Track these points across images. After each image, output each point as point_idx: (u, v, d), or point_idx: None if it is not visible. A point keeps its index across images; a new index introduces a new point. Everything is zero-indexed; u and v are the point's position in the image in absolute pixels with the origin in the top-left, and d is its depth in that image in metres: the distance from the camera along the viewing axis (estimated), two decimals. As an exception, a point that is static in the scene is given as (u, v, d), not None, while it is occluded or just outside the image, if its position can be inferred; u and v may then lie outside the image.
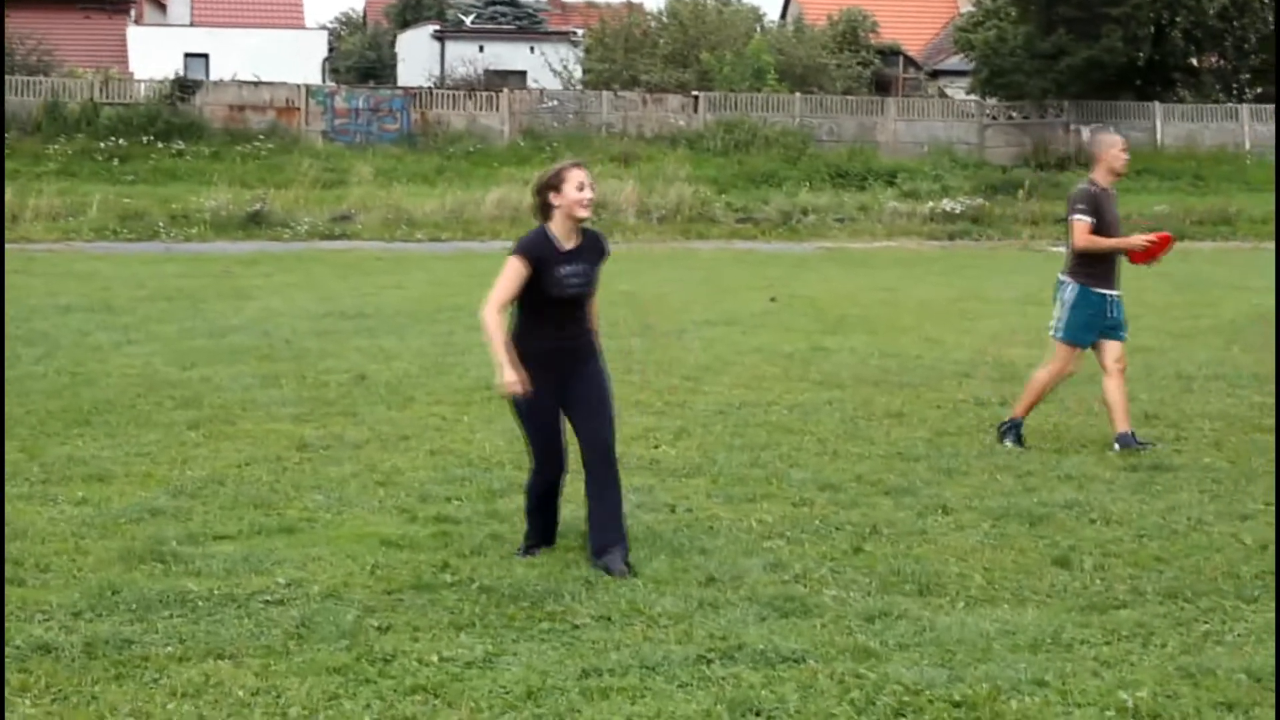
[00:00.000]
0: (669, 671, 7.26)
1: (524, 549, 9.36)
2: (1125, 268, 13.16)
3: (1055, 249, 37.21)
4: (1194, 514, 10.45)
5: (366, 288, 24.88)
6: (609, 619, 8.01)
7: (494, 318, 9.04)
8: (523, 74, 64.32)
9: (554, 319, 9.19)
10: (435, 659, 7.39)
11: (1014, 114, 54.68)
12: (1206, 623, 8.08)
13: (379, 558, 9.07)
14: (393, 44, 75.68)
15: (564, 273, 9.09)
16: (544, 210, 9.21)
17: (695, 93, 53.32)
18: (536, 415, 9.29)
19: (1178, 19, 54.44)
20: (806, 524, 10.06)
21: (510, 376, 8.98)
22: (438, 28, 70.07)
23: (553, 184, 9.15)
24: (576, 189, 9.10)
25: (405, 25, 76.04)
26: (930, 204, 42.84)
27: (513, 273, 9.00)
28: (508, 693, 7.00)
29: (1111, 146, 13.06)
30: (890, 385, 15.78)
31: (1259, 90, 58.51)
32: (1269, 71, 57.50)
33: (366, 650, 7.49)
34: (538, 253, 9.06)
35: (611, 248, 9.67)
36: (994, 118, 54.72)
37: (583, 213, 9.14)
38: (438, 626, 7.87)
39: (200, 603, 8.17)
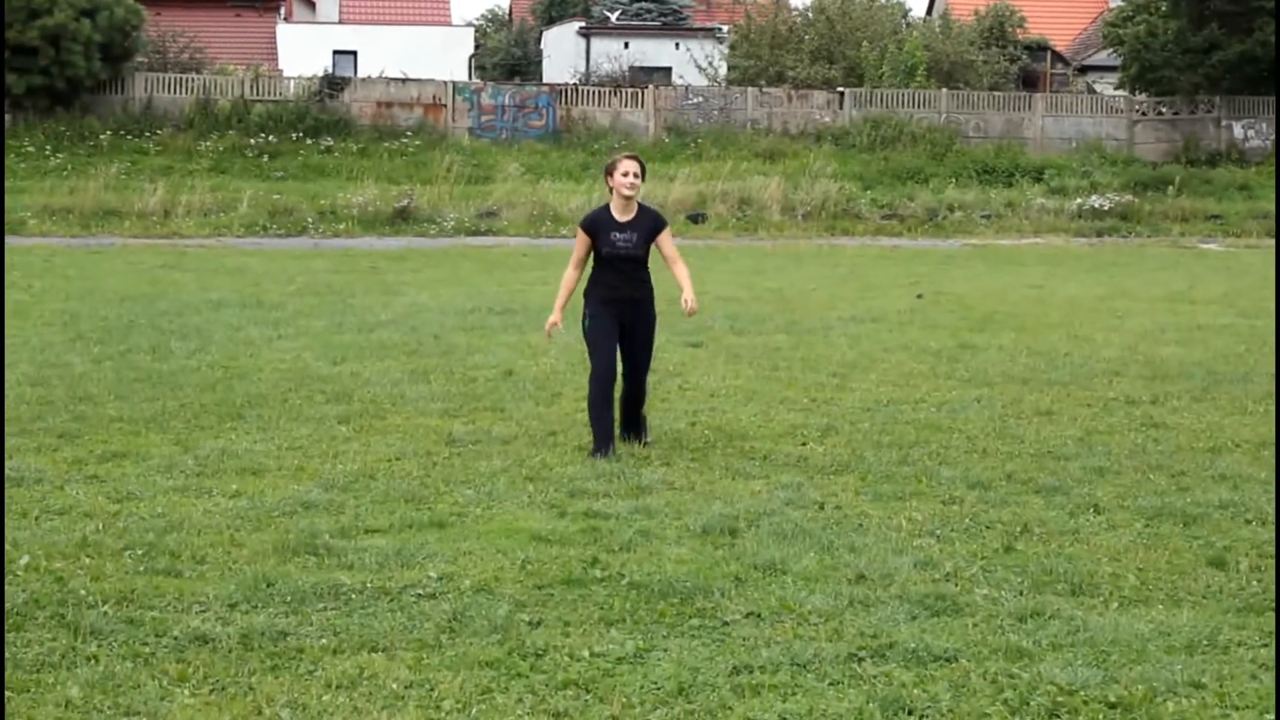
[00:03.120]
0: (820, 669, 7.24)
1: (596, 450, 11.88)
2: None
3: (1205, 246, 36.83)
4: (1352, 514, 10.30)
5: (513, 283, 25.00)
6: (759, 616, 8.01)
7: (567, 273, 12.45)
8: (668, 70, 64.36)
9: (614, 271, 12.26)
10: (586, 654, 7.41)
11: (1164, 110, 54.01)
12: (1365, 626, 7.96)
13: (529, 553, 9.11)
14: (538, 41, 75.95)
15: (616, 238, 12.21)
16: (608, 188, 12.29)
17: (841, 89, 53.12)
18: (599, 338, 12.23)
19: (1332, 12, 53.62)
20: (956, 522, 10.00)
21: (552, 318, 12.53)
22: (583, 24, 70.25)
23: (609, 170, 12.27)
24: (622, 175, 12.11)
25: (551, 22, 76.31)
26: (1078, 200, 42.46)
27: (578, 239, 12.33)
28: (659, 688, 7.01)
29: None
30: (1039, 383, 15.66)
31: None
32: None
33: (518, 644, 7.53)
34: (593, 222, 12.32)
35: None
36: (1143, 113, 54.09)
37: (627, 192, 12.13)
38: (588, 622, 7.90)
39: (353, 596, 8.25)
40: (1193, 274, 28.85)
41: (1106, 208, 41.72)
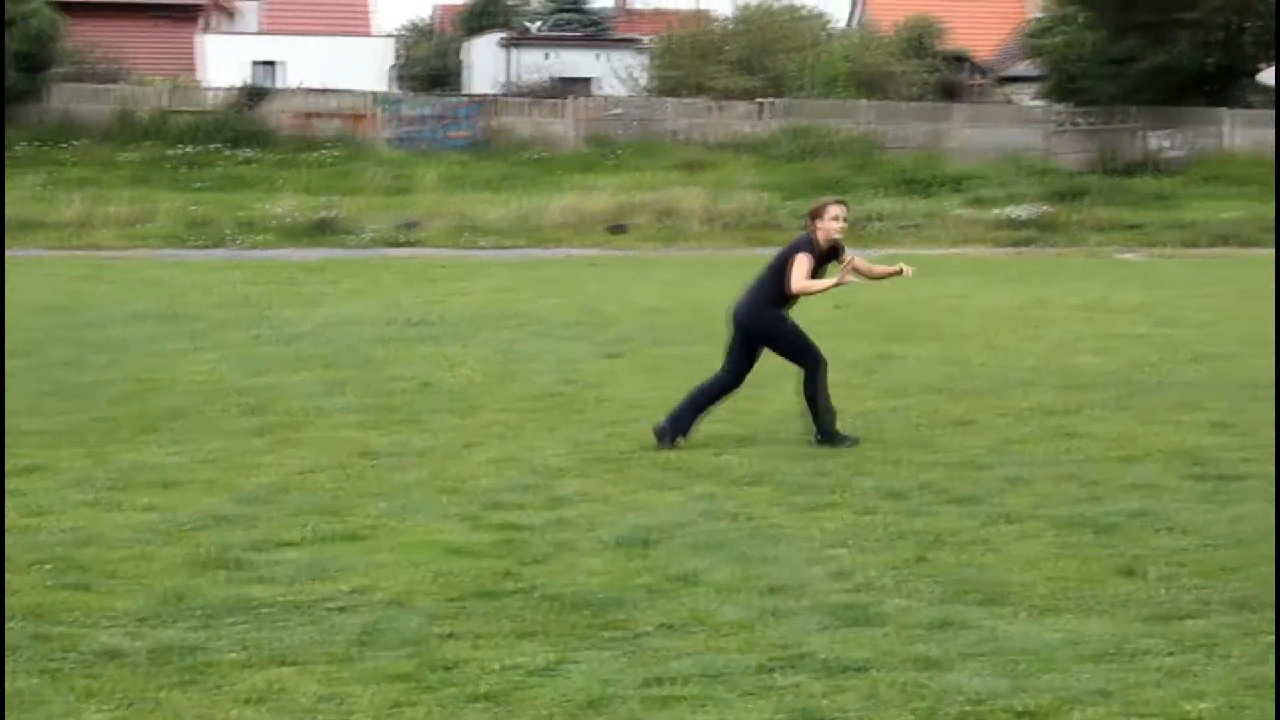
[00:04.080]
0: (732, 680, 7.24)
1: (826, 438, 12.90)
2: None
3: (1123, 255, 37.09)
4: (1263, 524, 10.35)
5: (432, 295, 24.98)
6: (672, 627, 8.01)
7: (808, 282, 13.05)
8: (590, 81, 64.39)
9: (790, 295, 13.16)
10: (498, 667, 7.39)
11: (1082, 120, 54.39)
12: (1273, 633, 8.00)
13: (443, 565, 9.09)
14: (460, 51, 75.82)
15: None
16: (809, 226, 13.09)
17: (763, 99, 53.26)
18: (801, 336, 13.43)
19: (1248, 25, 54.10)
20: (871, 532, 10.04)
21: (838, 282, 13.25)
22: (505, 35, 70.18)
23: (817, 213, 13.02)
24: (833, 219, 12.92)
25: (473, 33, 76.13)
26: (998, 210, 42.69)
27: (806, 260, 12.88)
28: (570, 701, 6.99)
29: None
30: (956, 393, 15.74)
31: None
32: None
33: (430, 658, 7.51)
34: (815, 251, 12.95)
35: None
36: (1062, 124, 54.44)
37: (837, 236, 12.99)
38: (501, 634, 7.89)
39: (265, 610, 8.21)
40: (1110, 283, 29.02)
41: (1026, 218, 41.97)
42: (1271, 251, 36.60)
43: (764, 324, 13.27)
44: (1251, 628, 8.09)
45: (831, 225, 12.86)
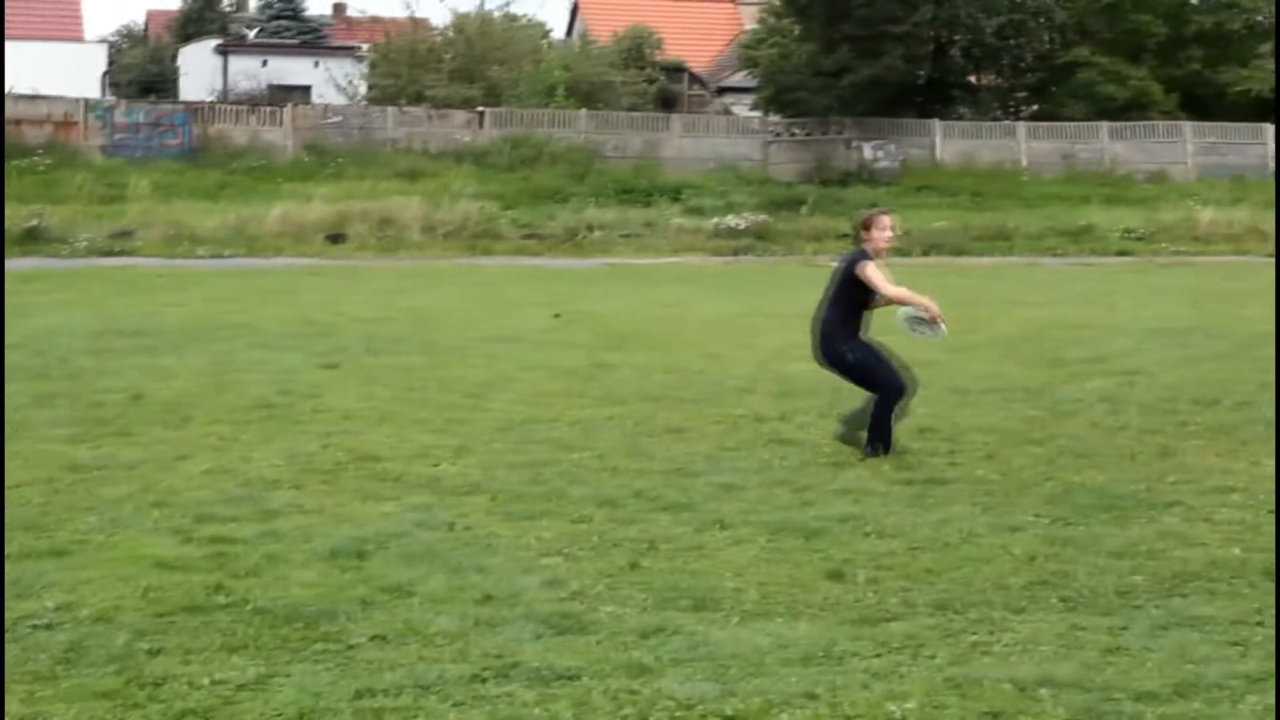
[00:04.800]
0: (443, 691, 7.23)
1: (884, 448, 12.83)
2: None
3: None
4: (966, 526, 10.61)
5: (146, 305, 24.58)
6: (384, 638, 7.97)
7: (900, 290, 13.12)
8: (307, 89, 63.91)
9: (865, 310, 13.16)
10: (207, 682, 7.30)
11: (797, 131, 55.20)
12: (975, 634, 8.20)
13: (152, 580, 8.94)
14: (174, 58, 74.77)
15: None
16: (858, 239, 13.23)
17: (481, 108, 53.26)
18: (878, 359, 13.15)
19: (956, 38, 55.43)
20: (585, 540, 10.08)
21: (925, 301, 13.20)
22: (220, 41, 69.44)
23: (866, 224, 13.06)
24: (880, 230, 12.95)
25: (187, 39, 75.20)
26: (715, 220, 43.15)
27: (879, 267, 12.89)
28: (279, 715, 6.93)
29: None
30: (671, 401, 15.86)
31: (1035, 108, 59.72)
32: (1044, 89, 58.76)
33: (136, 674, 7.39)
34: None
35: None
36: (778, 134, 55.22)
37: (884, 246, 12.98)
38: (210, 649, 7.78)
39: (-34, 628, 8.02)
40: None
41: (742, 227, 42.49)
42: (973, 260, 37.57)
43: (834, 359, 13.24)
44: (954, 628, 8.28)
45: (880, 235, 12.92)
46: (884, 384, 12.99)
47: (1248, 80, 58.18)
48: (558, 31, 76.33)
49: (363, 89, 61.18)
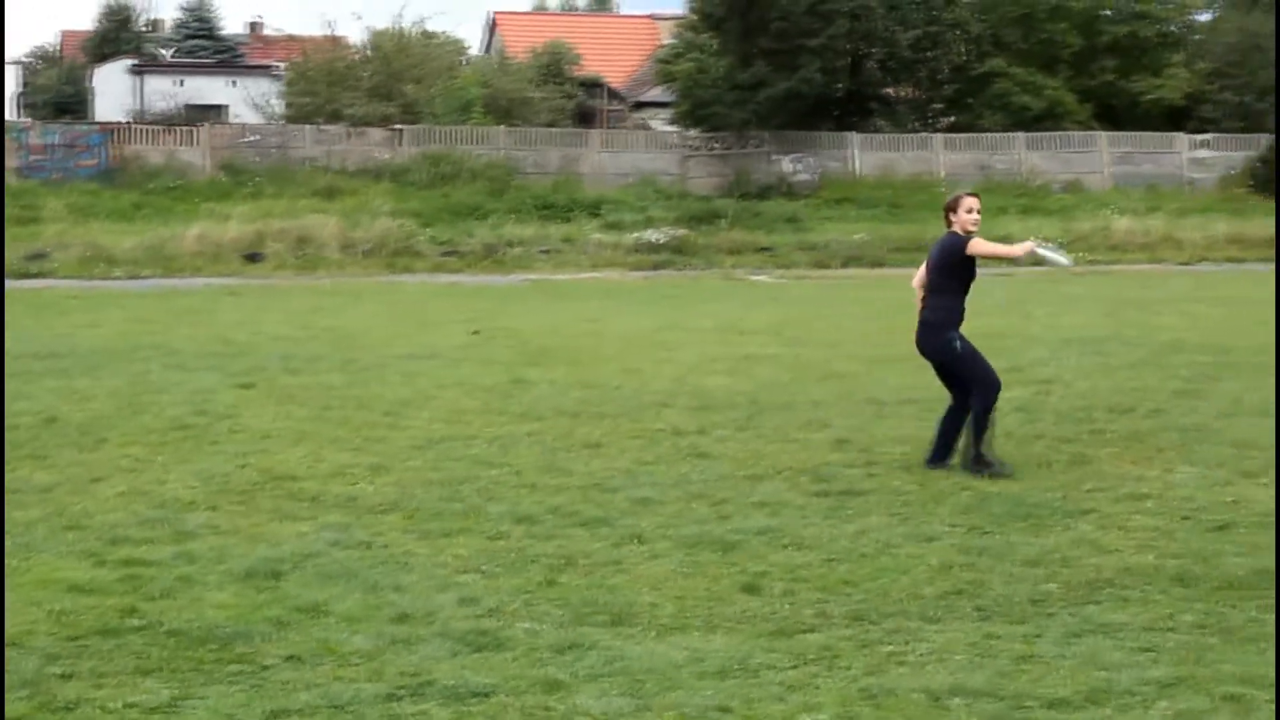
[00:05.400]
0: (358, 710, 7.20)
1: (989, 462, 12.72)
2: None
3: (756, 277, 37.77)
4: (882, 537, 10.66)
5: (61, 327, 24.41)
6: (298, 659, 7.93)
7: (1014, 247, 13.32)
8: (223, 108, 63.64)
9: (966, 294, 13.12)
10: (119, 705, 7.25)
11: (715, 145, 55.31)
12: (890, 644, 8.24)
13: (64, 603, 8.87)
14: (89, 78, 74.32)
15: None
16: (948, 222, 13.06)
17: (399, 126, 53.17)
18: (979, 361, 13.02)
19: (873, 51, 55.67)
20: (501, 557, 10.06)
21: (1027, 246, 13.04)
22: (135, 62, 69.07)
23: (953, 206, 13.00)
24: (967, 211, 12.90)
25: (102, 59, 74.74)
26: (634, 235, 43.20)
27: (978, 240, 13.01)
28: (192, 738, 6.91)
29: None
30: (589, 416, 15.85)
31: (952, 119, 60.01)
32: (961, 101, 59.06)
33: (48, 699, 7.33)
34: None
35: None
36: (696, 149, 55.31)
37: (973, 228, 12.91)
38: (123, 672, 7.73)
39: (-126, 656, 7.93)
40: (743, 305, 29.56)
41: (661, 241, 42.57)
42: (892, 271, 37.71)
43: (941, 349, 13.09)
44: (869, 639, 8.32)
45: (967, 217, 12.88)
46: (986, 377, 12.99)
47: (1160, 89, 58.66)
48: (475, 48, 76.31)
49: (279, 108, 60.94)
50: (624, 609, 8.86)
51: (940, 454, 13.12)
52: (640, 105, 69.38)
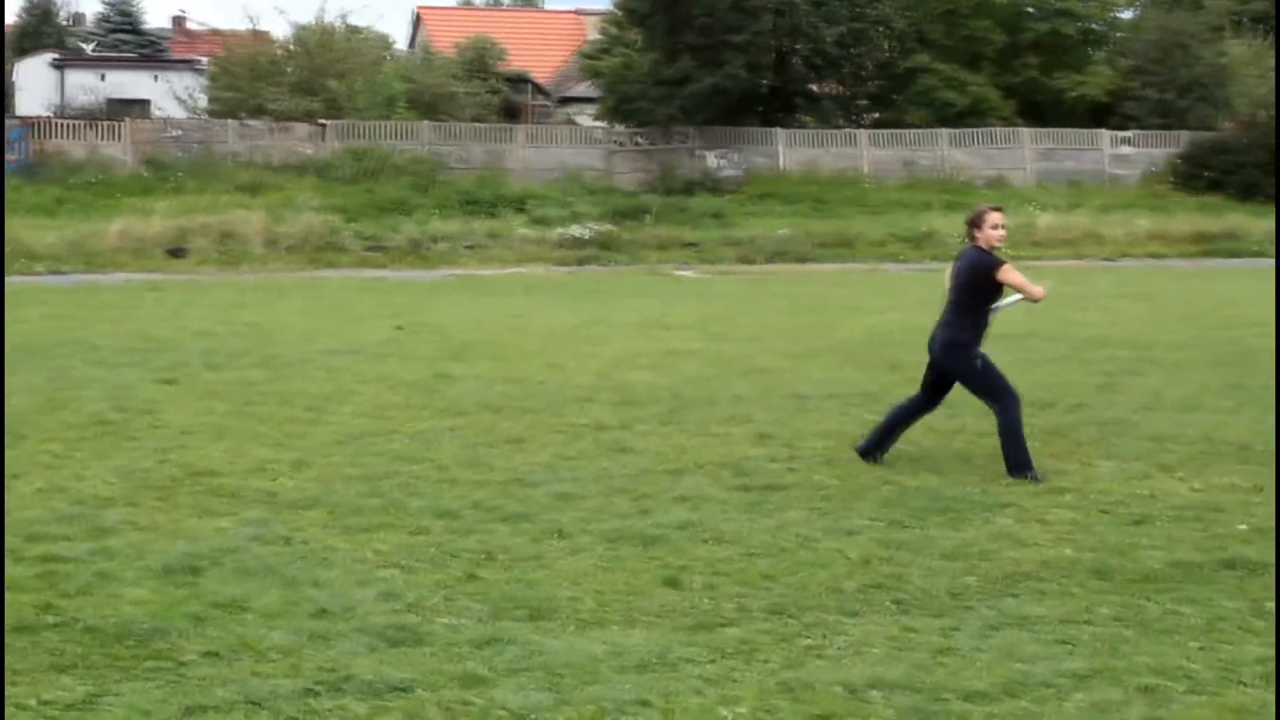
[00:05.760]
0: (275, 706, 7.18)
1: (1028, 466, 12.46)
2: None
3: (681, 272, 37.80)
4: (802, 531, 10.69)
5: (-19, 323, 24.22)
6: (216, 655, 7.89)
7: (1039, 288, 12.97)
8: (146, 103, 63.27)
9: (987, 311, 12.76)
10: (34, 703, 7.20)
11: (641, 140, 55.33)
12: (808, 638, 8.26)
13: (-21, 601, 8.81)
14: (10, 73, 73.73)
15: None
16: (972, 237, 12.73)
17: (323, 121, 52.99)
18: (994, 374, 12.75)
19: (798, 47, 55.76)
20: (422, 552, 10.04)
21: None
22: (57, 55, 68.58)
23: (977, 222, 12.67)
24: (993, 228, 12.60)
25: (23, 53, 74.17)
26: (559, 230, 43.16)
27: (1008, 266, 12.67)
28: (108, 734, 6.87)
29: None
30: (512, 411, 15.84)
31: (877, 115, 60.22)
32: (885, 97, 59.29)
33: (-38, 697, 7.29)
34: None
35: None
36: (621, 144, 55.33)
37: (998, 244, 12.65)
38: (38, 669, 7.67)
39: None
40: (667, 300, 29.58)
41: (587, 236, 42.54)
42: (817, 267, 37.83)
43: (955, 360, 12.78)
44: (788, 633, 8.34)
45: (994, 234, 12.59)
46: (1005, 392, 12.73)
47: (1083, 86, 59.01)
48: (400, 43, 76.13)
49: (203, 102, 60.63)
50: (544, 604, 8.86)
51: (874, 443, 13.15)
52: (566, 101, 69.36)
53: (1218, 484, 12.34)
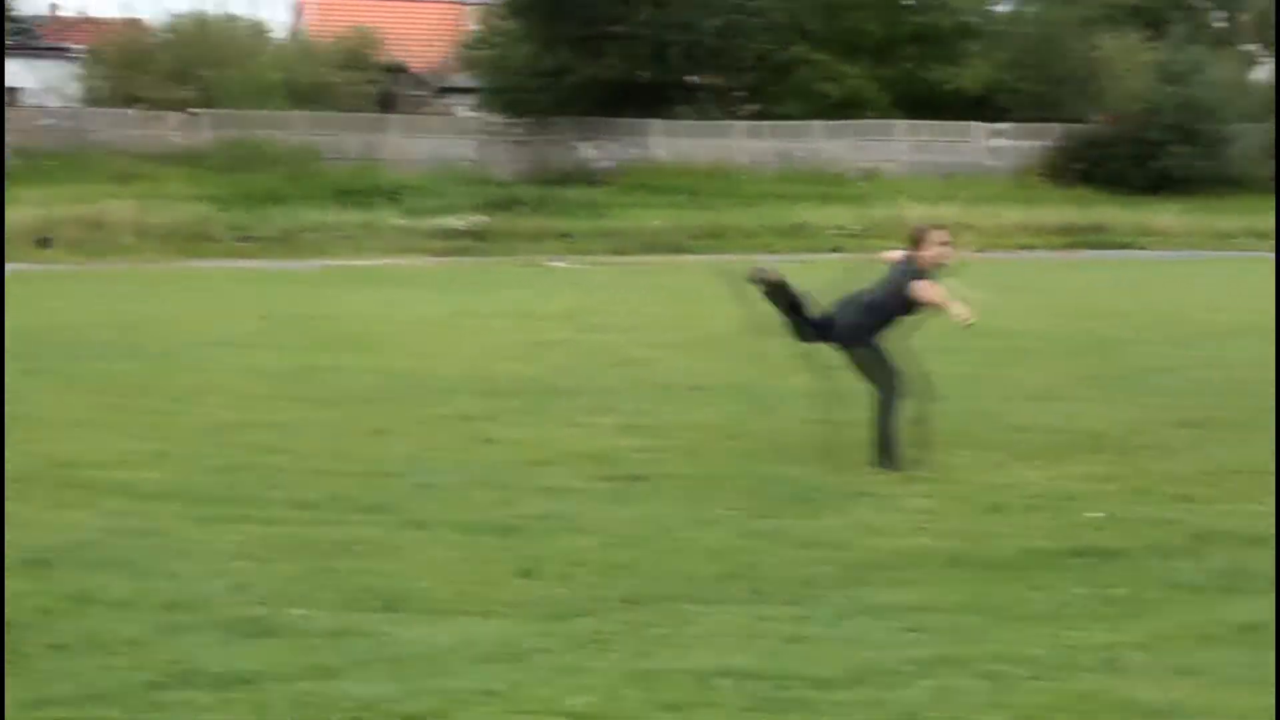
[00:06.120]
0: (120, 699, 7.13)
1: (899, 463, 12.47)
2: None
3: (555, 263, 37.79)
4: (662, 521, 10.74)
5: None
6: (63, 648, 7.83)
7: (958, 307, 12.60)
8: (16, 90, 62.46)
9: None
10: (-126, 697, 7.14)
11: (517, 130, 55.21)
12: (661, 626, 8.30)
13: None
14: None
15: None
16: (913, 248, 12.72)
17: (196, 110, 52.56)
18: (888, 359, 12.82)
19: (677, 38, 55.76)
20: (277, 544, 10.00)
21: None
22: (-76, 42, 67.59)
23: (919, 239, 12.76)
24: (941, 244, 12.76)
25: (-110, 39, 73.17)
26: (434, 221, 43.01)
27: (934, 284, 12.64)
28: (-52, 729, 6.81)
29: None
30: (378, 402, 15.80)
31: (755, 107, 60.34)
32: (763, 89, 59.40)
33: None
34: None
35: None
36: (497, 135, 55.19)
37: (945, 263, 12.87)
38: (-120, 663, 7.61)
39: None
40: (539, 291, 29.56)
41: (461, 227, 42.41)
42: (691, 258, 37.93)
43: (859, 345, 12.88)
44: (640, 622, 8.39)
45: (936, 252, 12.74)
46: (892, 383, 12.82)
47: (959, 79, 59.38)
48: (279, 32, 75.52)
49: (75, 90, 59.93)
50: (398, 595, 8.86)
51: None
52: (445, 91, 69.08)
53: (1072, 473, 12.52)
